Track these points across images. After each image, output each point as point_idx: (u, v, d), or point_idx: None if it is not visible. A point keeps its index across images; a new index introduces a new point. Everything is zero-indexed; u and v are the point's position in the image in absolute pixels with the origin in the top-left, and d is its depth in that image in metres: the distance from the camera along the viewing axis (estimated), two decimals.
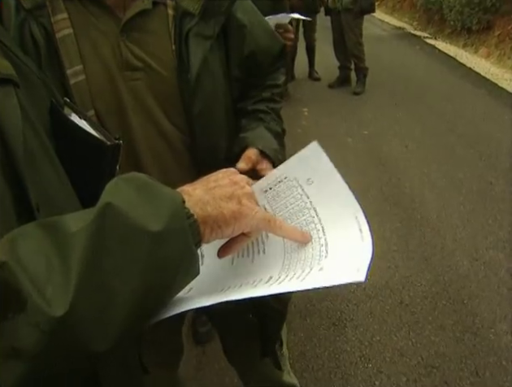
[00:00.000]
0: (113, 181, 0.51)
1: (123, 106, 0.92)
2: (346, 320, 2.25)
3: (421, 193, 3.29)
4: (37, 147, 0.60)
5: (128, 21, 0.89)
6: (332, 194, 0.61)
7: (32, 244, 0.44)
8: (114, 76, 0.91)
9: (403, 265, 2.59)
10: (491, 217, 2.96)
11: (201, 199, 0.54)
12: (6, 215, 0.51)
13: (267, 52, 1.08)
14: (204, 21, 0.92)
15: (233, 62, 1.00)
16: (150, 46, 0.92)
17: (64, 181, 0.65)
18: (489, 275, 2.47)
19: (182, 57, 0.92)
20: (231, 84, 1.01)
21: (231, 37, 0.98)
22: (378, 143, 4.17)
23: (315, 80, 5.99)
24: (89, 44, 0.89)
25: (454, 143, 4.03)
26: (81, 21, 0.88)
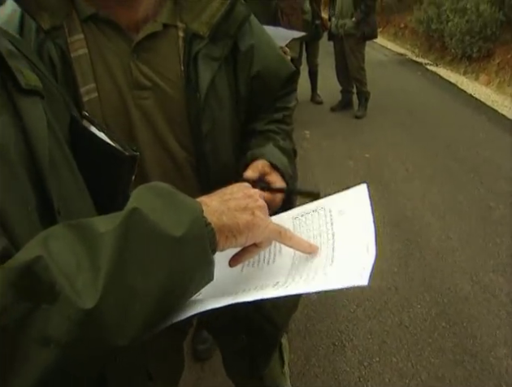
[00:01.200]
0: (139, 188, 0.56)
1: (132, 124, 0.96)
2: (346, 340, 2.25)
3: (421, 216, 3.32)
4: (59, 155, 0.64)
5: (139, 42, 0.93)
6: (355, 227, 0.65)
7: (63, 242, 0.48)
8: (125, 94, 0.95)
9: (403, 286, 2.60)
10: (490, 241, 2.98)
11: (217, 209, 0.58)
12: (31, 217, 0.55)
13: (275, 74, 1.09)
14: (213, 43, 0.96)
15: (241, 82, 1.02)
16: (159, 66, 0.95)
17: (82, 188, 0.68)
18: (489, 298, 2.48)
19: (190, 78, 0.95)
20: (238, 106, 1.04)
21: (238, 58, 1.01)
22: (379, 166, 4.22)
23: (317, 104, 6.08)
24: (102, 63, 0.93)
25: (455, 167, 4.08)
26: (96, 42, 0.93)
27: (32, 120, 0.60)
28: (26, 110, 0.60)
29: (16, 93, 0.60)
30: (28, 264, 0.44)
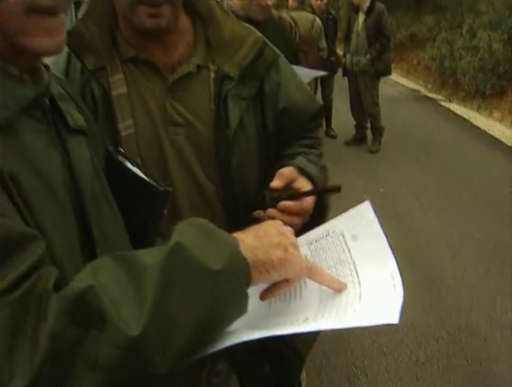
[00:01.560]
0: (181, 224, 0.60)
1: (166, 158, 1.01)
2: (361, 376, 2.23)
3: (437, 251, 3.31)
4: (99, 189, 0.69)
5: (174, 82, 1.00)
6: (373, 252, 0.67)
7: (111, 274, 0.52)
8: (159, 130, 1.00)
9: (419, 323, 2.58)
10: (508, 278, 2.95)
11: (251, 245, 0.61)
12: (74, 247, 0.59)
13: (302, 110, 1.12)
14: (242, 84, 1.01)
15: (268, 119, 1.07)
16: (192, 105, 1.01)
17: (118, 220, 0.73)
18: (507, 336, 2.45)
19: (220, 116, 1.01)
20: (266, 140, 1.08)
21: (266, 97, 1.06)
22: (393, 200, 4.23)
23: (332, 138, 6.14)
24: (140, 101, 1.00)
25: (470, 203, 4.07)
26: (134, 81, 1.00)
27: (77, 157, 0.65)
28: (73, 148, 0.65)
29: (65, 133, 0.65)
30: (82, 293, 0.49)
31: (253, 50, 1.02)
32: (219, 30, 1.03)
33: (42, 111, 0.62)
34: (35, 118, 0.60)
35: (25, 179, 0.55)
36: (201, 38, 1.04)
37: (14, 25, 0.54)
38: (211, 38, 1.04)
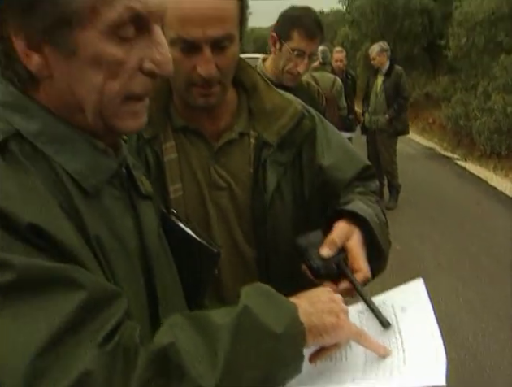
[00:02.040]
0: (247, 288, 0.67)
1: (209, 220, 1.07)
2: None
3: (456, 313, 3.27)
4: (161, 248, 0.76)
5: (218, 148, 1.08)
6: (421, 327, 0.72)
7: (187, 332, 0.58)
8: (205, 193, 1.07)
9: None
10: None
11: (307, 311, 0.67)
12: (142, 302, 0.66)
13: (342, 170, 1.10)
14: (280, 150, 1.07)
15: (306, 183, 1.09)
16: (233, 169, 1.08)
17: (176, 278, 0.79)
18: None
19: (258, 180, 1.07)
20: (303, 208, 1.11)
21: (304, 161, 1.10)
22: (410, 259, 4.22)
23: None
24: (188, 166, 1.08)
25: (489, 264, 4.05)
26: (183, 148, 1.08)
27: (146, 221, 0.73)
28: (143, 212, 0.73)
29: (136, 198, 0.73)
30: (165, 348, 0.56)
31: (292, 120, 1.08)
32: (261, 101, 1.11)
33: (120, 180, 0.70)
34: (114, 185, 0.68)
35: (106, 241, 0.63)
36: (244, 107, 1.12)
37: (111, 109, 0.62)
38: (254, 108, 1.11)
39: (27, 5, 0.55)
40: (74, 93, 0.60)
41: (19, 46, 0.58)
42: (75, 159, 0.62)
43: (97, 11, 0.56)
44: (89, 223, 0.60)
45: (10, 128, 0.58)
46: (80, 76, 0.59)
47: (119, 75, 0.60)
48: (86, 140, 0.64)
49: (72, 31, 0.57)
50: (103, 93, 0.60)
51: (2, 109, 0.60)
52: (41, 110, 0.61)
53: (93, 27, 0.57)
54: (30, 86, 0.61)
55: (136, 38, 0.60)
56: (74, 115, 0.63)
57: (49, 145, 0.60)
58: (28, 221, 0.52)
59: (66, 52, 0.58)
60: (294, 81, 2.05)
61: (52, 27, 0.56)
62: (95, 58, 0.58)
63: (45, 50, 0.58)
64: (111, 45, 0.58)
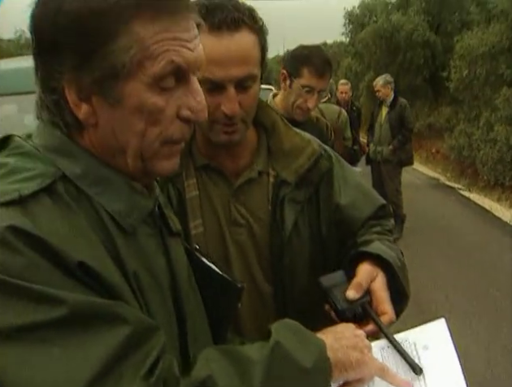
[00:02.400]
0: (276, 324, 0.71)
1: (229, 256, 1.09)
2: None
3: (465, 346, 3.23)
4: (188, 282, 0.78)
5: (238, 186, 1.11)
6: (443, 366, 0.74)
7: (222, 365, 0.62)
8: (224, 230, 1.10)
9: None
10: None
11: (333, 346, 0.70)
12: (174, 336, 0.70)
13: (359, 209, 1.12)
14: (297, 189, 1.10)
15: (323, 221, 1.12)
16: (252, 207, 1.11)
17: (202, 312, 0.82)
18: None
19: (276, 217, 1.09)
20: (321, 245, 1.13)
21: (320, 200, 1.12)
22: (417, 290, 4.19)
23: None
24: (208, 203, 1.10)
25: (496, 296, 4.03)
26: (204, 185, 1.11)
27: (177, 258, 0.77)
28: (173, 248, 0.77)
29: (167, 235, 0.77)
30: (204, 380, 0.59)
31: (310, 159, 1.11)
32: (280, 140, 1.14)
33: (153, 218, 0.73)
34: (148, 223, 0.72)
35: (142, 277, 0.66)
36: (264, 146, 1.15)
37: (150, 153, 0.66)
38: (273, 147, 1.14)
39: (81, 60, 0.60)
40: (117, 138, 0.64)
41: (71, 97, 0.62)
42: (114, 200, 0.66)
43: (142, 65, 0.61)
44: (127, 259, 0.64)
45: (57, 170, 0.62)
46: (123, 123, 0.63)
47: (159, 121, 0.64)
48: (125, 181, 0.68)
49: (119, 83, 0.61)
50: (144, 138, 0.64)
51: (48, 152, 0.64)
52: (85, 153, 0.65)
53: (138, 79, 0.61)
54: (75, 131, 0.66)
55: (175, 88, 0.65)
56: (115, 158, 0.67)
57: (91, 187, 0.64)
58: (78, 259, 0.56)
59: (112, 101, 0.62)
60: (304, 116, 2.09)
61: (102, 80, 0.61)
62: (138, 106, 0.62)
63: (93, 100, 0.62)
64: (153, 95, 0.62)
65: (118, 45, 0.60)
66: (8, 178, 0.59)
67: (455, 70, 9.75)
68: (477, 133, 8.66)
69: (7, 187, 0.58)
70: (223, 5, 0.97)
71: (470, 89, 9.46)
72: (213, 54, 0.94)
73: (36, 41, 0.63)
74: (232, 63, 0.97)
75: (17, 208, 0.55)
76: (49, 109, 0.65)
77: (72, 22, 0.59)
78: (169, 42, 0.61)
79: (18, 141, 0.66)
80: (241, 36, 0.97)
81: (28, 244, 0.53)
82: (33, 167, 0.61)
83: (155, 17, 0.61)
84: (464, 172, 9.05)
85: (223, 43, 0.96)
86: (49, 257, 0.54)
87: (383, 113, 5.60)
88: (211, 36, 0.95)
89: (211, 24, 0.95)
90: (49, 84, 0.63)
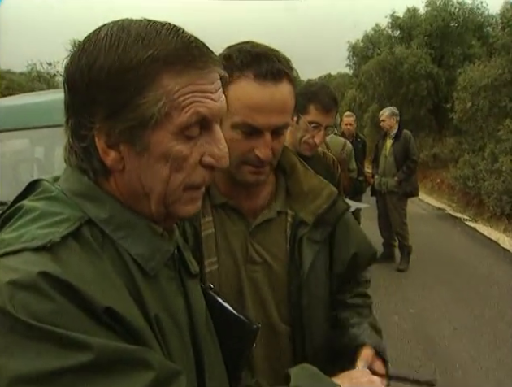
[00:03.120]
0: (295, 369, 0.74)
1: (244, 294, 1.10)
2: None
3: (473, 381, 3.18)
4: (206, 324, 0.79)
5: (256, 226, 1.12)
6: None
7: None
8: (240, 267, 1.11)
9: None
10: None
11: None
12: (192, 378, 0.70)
13: (365, 254, 1.22)
14: (315, 229, 1.13)
15: (336, 261, 1.16)
16: (270, 245, 1.12)
17: (218, 352, 0.82)
18: None
19: (294, 256, 1.11)
20: (332, 281, 1.17)
21: (336, 241, 1.16)
22: (425, 323, 4.16)
23: None
24: (224, 241, 1.11)
25: (505, 329, 3.97)
26: (221, 223, 1.12)
27: (195, 300, 0.79)
28: (191, 290, 0.79)
29: (186, 277, 0.79)
30: None
31: (328, 200, 1.15)
32: (299, 183, 1.17)
33: (173, 260, 0.75)
34: (168, 266, 0.73)
35: (163, 319, 0.67)
36: (282, 188, 1.18)
37: (173, 198, 0.69)
38: (291, 188, 1.18)
39: (112, 112, 0.63)
40: (142, 184, 0.67)
41: (100, 145, 0.65)
42: (137, 244, 0.68)
43: (170, 116, 0.64)
44: (150, 303, 0.66)
45: (83, 215, 0.65)
46: (149, 169, 0.66)
47: (183, 168, 0.67)
48: (147, 225, 0.70)
49: (147, 132, 0.64)
50: (168, 185, 0.67)
51: (75, 197, 0.67)
52: (110, 199, 0.68)
53: (165, 128, 0.64)
54: (102, 177, 0.68)
55: (199, 136, 0.68)
56: (139, 203, 0.69)
57: (116, 231, 0.67)
58: (105, 305, 0.57)
59: (139, 149, 0.65)
60: (311, 151, 2.11)
61: (131, 129, 0.64)
62: (164, 154, 0.65)
63: (121, 147, 0.65)
64: (179, 143, 0.66)
65: (148, 98, 0.63)
66: (37, 223, 0.62)
67: (458, 101, 9.88)
68: (482, 164, 8.70)
69: (37, 232, 0.60)
70: (268, 54, 1.01)
71: (474, 121, 9.55)
72: (256, 101, 1.00)
73: (69, 93, 0.66)
74: (273, 112, 1.01)
75: (47, 254, 0.58)
76: (77, 155, 0.68)
77: (105, 77, 0.62)
78: (195, 94, 0.65)
79: (46, 185, 0.69)
80: (283, 87, 1.01)
81: (58, 289, 0.55)
82: (61, 212, 0.64)
83: (183, 71, 0.64)
84: (470, 203, 9.04)
85: (266, 92, 1.00)
86: (78, 302, 0.56)
87: (387, 145, 5.64)
88: (256, 84, 1.00)
89: (257, 73, 0.99)
90: (79, 133, 0.66)
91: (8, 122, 2.86)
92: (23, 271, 0.55)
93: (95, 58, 0.63)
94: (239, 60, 1.01)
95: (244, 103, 1.00)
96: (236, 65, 1.00)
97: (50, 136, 2.81)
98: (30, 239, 0.59)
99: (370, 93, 14.94)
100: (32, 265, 0.55)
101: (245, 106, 1.00)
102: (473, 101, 9.29)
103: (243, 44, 1.04)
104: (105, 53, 0.63)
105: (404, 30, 14.55)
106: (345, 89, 20.00)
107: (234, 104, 0.99)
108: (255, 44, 1.04)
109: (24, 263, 0.56)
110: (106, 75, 0.62)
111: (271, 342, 1.11)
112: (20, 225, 0.62)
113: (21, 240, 0.59)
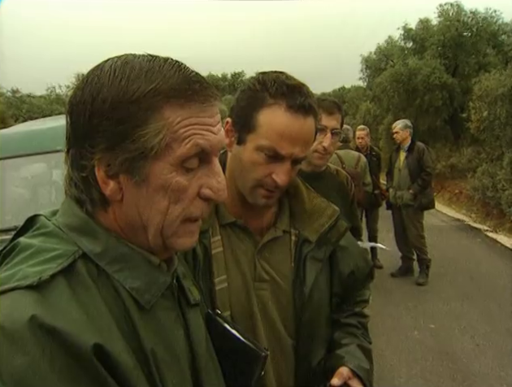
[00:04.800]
0: None
1: (252, 311, 1.13)
2: None
3: None
4: (208, 353, 0.79)
5: (263, 244, 1.16)
6: None
7: None
8: (248, 285, 1.14)
9: None
10: None
11: None
12: None
13: (362, 272, 1.27)
14: (318, 247, 1.17)
15: (335, 279, 1.21)
16: (276, 263, 1.17)
17: (221, 381, 0.81)
18: None
19: (299, 274, 1.15)
20: (331, 299, 1.21)
21: (337, 260, 1.21)
22: (446, 339, 4.07)
23: (378, 268, 6.10)
24: (233, 259, 1.15)
25: None
26: (229, 241, 1.16)
27: (195, 329, 0.78)
28: (191, 320, 0.78)
29: (185, 307, 0.79)
30: None
31: (331, 219, 1.20)
32: (302, 203, 1.22)
33: (171, 291, 0.75)
34: (165, 297, 0.73)
35: (160, 353, 0.67)
36: (286, 208, 1.23)
37: (171, 230, 0.69)
38: (294, 208, 1.22)
39: (114, 143, 0.65)
40: (140, 214, 0.68)
41: (100, 175, 0.66)
42: (132, 277, 0.68)
43: (170, 147, 0.65)
44: (145, 337, 0.65)
45: (77, 249, 0.65)
46: (147, 200, 0.67)
47: (182, 200, 0.68)
48: (143, 257, 0.70)
49: (147, 163, 0.65)
50: (166, 216, 0.68)
51: (70, 231, 0.67)
52: (105, 232, 0.69)
53: (164, 159, 0.66)
54: (100, 207, 0.69)
55: (198, 168, 0.69)
56: (136, 234, 0.70)
57: (110, 265, 0.67)
58: (93, 342, 0.57)
59: (138, 179, 0.66)
60: (323, 159, 2.07)
61: (131, 159, 0.65)
62: (163, 185, 0.66)
63: (120, 178, 0.66)
64: (178, 175, 0.67)
65: (149, 130, 0.64)
66: (32, 260, 0.62)
67: (474, 111, 9.77)
68: (501, 173, 8.55)
69: (30, 270, 0.61)
70: (301, 88, 1.07)
71: (491, 130, 9.42)
72: (286, 130, 1.04)
73: (71, 124, 0.67)
74: (299, 143, 1.06)
75: (35, 293, 0.58)
76: (76, 185, 0.69)
77: (108, 108, 0.64)
78: (195, 126, 0.66)
79: (43, 221, 0.70)
80: (310, 121, 1.07)
81: (41, 336, 0.55)
82: (56, 248, 0.64)
83: (185, 104, 0.66)
84: (489, 213, 8.87)
85: (296, 124, 1.05)
86: (63, 347, 0.55)
87: (401, 157, 5.59)
88: (288, 114, 1.05)
89: (291, 104, 1.04)
90: (79, 163, 0.67)
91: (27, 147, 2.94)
92: (6, 316, 0.55)
93: (99, 90, 0.65)
94: (274, 88, 1.06)
95: (274, 129, 1.04)
96: (270, 92, 1.06)
97: None
98: (22, 277, 0.59)
99: (384, 105, 14.89)
100: (18, 308, 0.56)
101: (275, 132, 1.04)
102: (490, 110, 9.17)
103: (278, 73, 1.10)
104: (109, 85, 0.64)
105: (417, 41, 14.50)
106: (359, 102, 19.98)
107: (263, 128, 1.05)
108: (289, 76, 1.10)
109: (11, 305, 0.56)
110: (109, 106, 0.64)
111: (278, 355, 1.14)
112: (16, 263, 0.63)
113: (14, 278, 0.60)
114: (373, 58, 16.16)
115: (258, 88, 1.07)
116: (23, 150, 2.92)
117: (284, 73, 1.10)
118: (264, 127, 1.04)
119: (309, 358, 1.16)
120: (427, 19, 14.52)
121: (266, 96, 1.06)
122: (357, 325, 1.25)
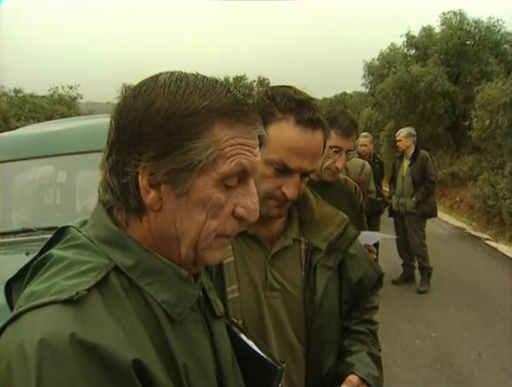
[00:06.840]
0: None
1: (263, 319, 1.14)
2: None
3: None
4: (231, 366, 0.80)
5: (274, 253, 1.17)
6: None
7: None
8: (260, 294, 1.15)
9: None
10: None
11: None
12: None
13: (371, 279, 1.27)
14: (328, 255, 1.18)
15: (344, 287, 1.22)
16: (286, 272, 1.17)
17: None
18: None
19: (309, 282, 1.16)
20: (341, 306, 1.22)
21: (346, 268, 1.21)
22: (448, 348, 4.07)
23: None
24: (244, 268, 1.16)
25: None
26: (240, 251, 1.17)
27: (221, 341, 0.79)
28: (217, 332, 0.79)
29: (211, 319, 0.79)
30: None
31: (340, 227, 1.20)
32: (311, 211, 1.23)
33: (198, 303, 0.76)
34: (193, 309, 0.74)
35: (190, 366, 0.68)
36: (295, 217, 1.23)
37: (205, 243, 0.70)
38: (304, 217, 1.23)
39: (162, 153, 0.66)
40: (176, 226, 0.69)
41: (143, 183, 0.67)
42: (163, 290, 0.69)
43: (216, 163, 0.67)
44: (177, 351, 0.66)
45: (110, 262, 0.66)
46: (186, 213, 0.68)
47: (219, 216, 0.69)
48: (173, 270, 0.71)
49: (192, 176, 0.67)
50: (202, 230, 0.69)
51: (101, 244, 0.68)
52: (136, 245, 0.69)
53: (209, 175, 0.67)
54: (136, 215, 0.70)
55: (236, 187, 0.70)
56: (168, 246, 0.70)
57: (142, 278, 0.68)
58: (132, 358, 0.58)
59: (180, 191, 0.67)
60: (333, 176, 2.12)
61: (176, 171, 0.66)
62: (204, 199, 0.68)
63: (162, 188, 0.67)
64: (218, 191, 0.68)
65: (199, 144, 0.66)
66: (66, 272, 0.63)
67: (476, 119, 9.79)
68: (502, 182, 8.57)
69: (65, 283, 0.61)
70: (309, 103, 1.09)
71: (493, 138, 9.44)
72: (295, 144, 1.07)
73: (117, 131, 0.68)
74: (308, 157, 1.08)
75: (74, 308, 0.59)
76: (113, 192, 0.69)
77: (161, 118, 0.66)
78: (241, 146, 0.69)
79: (73, 233, 0.71)
80: (319, 134, 1.09)
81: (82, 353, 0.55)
82: (89, 260, 0.65)
83: (234, 124, 0.68)
84: (490, 222, 8.88)
85: (305, 138, 1.07)
86: (103, 364, 0.56)
87: (404, 165, 5.61)
88: (298, 128, 1.07)
89: (300, 119, 1.07)
90: (122, 169, 0.68)
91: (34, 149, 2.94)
92: (47, 330, 0.56)
93: (153, 100, 0.66)
94: (283, 103, 1.08)
95: (283, 144, 1.06)
96: (279, 107, 1.08)
97: (72, 162, 2.91)
98: (59, 291, 0.60)
99: (386, 112, 14.93)
100: (58, 323, 0.57)
101: (284, 146, 1.06)
102: (492, 119, 9.19)
103: (286, 88, 1.12)
104: (163, 97, 0.66)
105: (420, 49, 14.55)
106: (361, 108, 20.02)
107: (273, 142, 1.06)
108: (298, 90, 1.11)
109: (50, 319, 0.57)
110: (162, 117, 0.66)
111: (289, 362, 1.14)
112: (50, 276, 0.64)
113: (50, 292, 0.60)
114: (375, 64, 16.20)
115: (267, 102, 1.09)
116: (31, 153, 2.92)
117: (292, 88, 1.12)
118: (273, 141, 1.06)
119: (320, 365, 1.17)
120: (430, 27, 14.59)
121: (275, 111, 1.08)
122: (366, 332, 1.26)
